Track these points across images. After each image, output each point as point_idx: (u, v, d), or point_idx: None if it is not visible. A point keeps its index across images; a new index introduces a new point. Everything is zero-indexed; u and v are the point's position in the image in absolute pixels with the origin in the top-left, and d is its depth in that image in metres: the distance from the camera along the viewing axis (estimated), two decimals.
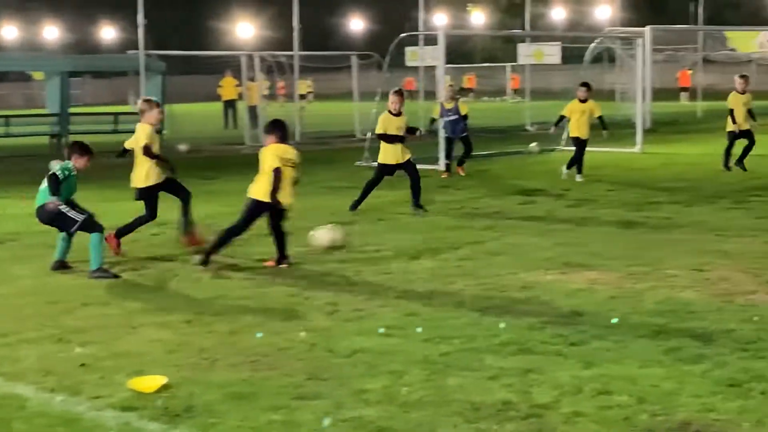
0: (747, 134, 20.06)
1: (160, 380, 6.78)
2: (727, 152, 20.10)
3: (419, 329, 8.10)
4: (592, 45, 30.07)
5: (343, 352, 7.51)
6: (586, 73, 30.44)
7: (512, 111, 39.66)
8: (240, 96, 38.23)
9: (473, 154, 21.12)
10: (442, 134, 20.81)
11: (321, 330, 8.22)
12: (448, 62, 24.62)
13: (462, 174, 20.34)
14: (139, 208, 12.09)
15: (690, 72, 53.19)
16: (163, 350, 7.73)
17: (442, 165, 20.71)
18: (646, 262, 10.79)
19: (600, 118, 19.11)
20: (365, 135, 24.26)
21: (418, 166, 15.56)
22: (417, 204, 15.05)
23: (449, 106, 20.58)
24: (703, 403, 6.20)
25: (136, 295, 9.86)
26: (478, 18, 76.47)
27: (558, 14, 72.90)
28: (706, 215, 14.32)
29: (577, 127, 19.11)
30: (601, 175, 19.80)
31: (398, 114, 15.17)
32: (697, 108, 41.78)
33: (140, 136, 11.85)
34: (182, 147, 26.94)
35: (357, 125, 32.40)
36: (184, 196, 12.19)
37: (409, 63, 45.68)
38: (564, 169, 19.20)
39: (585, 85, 19.47)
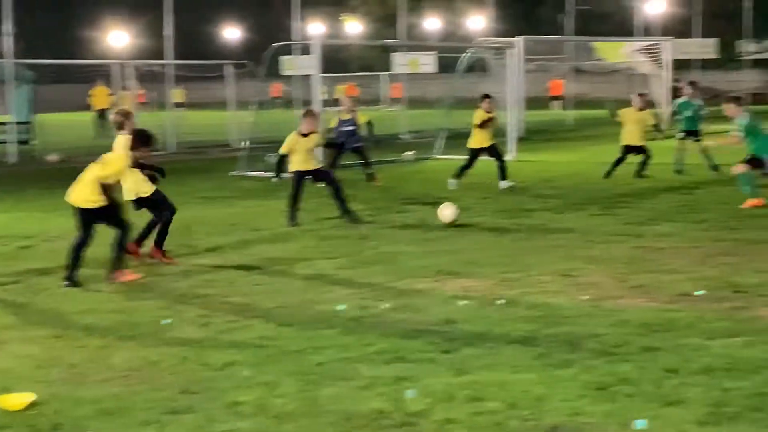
0: (640, 149, 20.50)
1: (27, 397, 6.60)
2: (616, 163, 20.54)
3: (293, 340, 8.07)
4: (465, 55, 30.47)
5: (216, 364, 7.43)
6: (460, 82, 30.81)
7: (388, 120, 39.88)
8: (112, 105, 37.54)
9: (350, 163, 21.18)
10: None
11: (193, 343, 8.12)
12: (323, 71, 24.65)
13: (378, 184, 20.25)
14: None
15: (561, 82, 54.43)
16: (31, 366, 7.53)
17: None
18: (519, 269, 10.98)
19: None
20: (241, 144, 24.11)
21: None
22: (345, 210, 14.97)
23: (347, 117, 20.61)
24: (572, 407, 6.33)
25: (2, 309, 9.57)
26: (354, 27, 76.83)
27: (432, 24, 73.77)
28: (576, 221, 14.64)
29: (480, 138, 19.14)
30: (475, 182, 20.05)
31: (307, 135, 14.93)
32: (568, 116, 42.78)
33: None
34: (52, 157, 26.31)
35: (232, 135, 32.18)
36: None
37: (284, 72, 45.58)
38: (452, 179, 19.21)
39: (487, 96, 19.61)
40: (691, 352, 7.49)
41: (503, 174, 19.07)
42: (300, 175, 14.96)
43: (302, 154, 14.88)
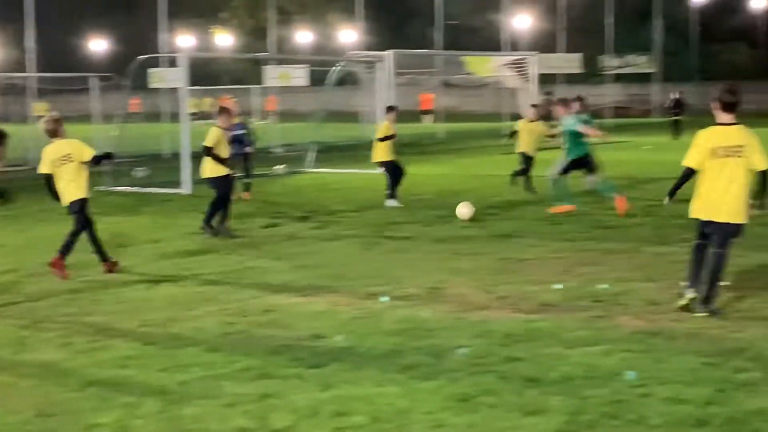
0: (528, 159, 20.86)
1: None
2: (521, 172, 20.96)
3: (156, 359, 7.93)
4: (335, 68, 30.57)
5: (75, 385, 7.25)
6: (331, 95, 30.88)
7: (260, 133, 39.68)
8: None
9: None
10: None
11: (51, 364, 7.91)
12: (192, 84, 24.39)
13: (247, 198, 20.06)
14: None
15: (430, 96, 55.09)
16: None
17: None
18: (387, 282, 11.04)
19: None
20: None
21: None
22: (208, 223, 14.83)
23: (236, 122, 20.38)
24: (435, 419, 6.39)
25: None
26: (224, 40, 76.27)
27: (304, 37, 73.80)
28: (445, 233, 14.80)
29: (383, 152, 18.99)
30: (345, 196, 20.13)
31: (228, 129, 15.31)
32: (438, 130, 43.31)
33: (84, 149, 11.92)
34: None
35: (97, 149, 31.47)
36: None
37: (152, 85, 44.91)
38: (388, 203, 19.05)
39: (392, 108, 19.68)
40: (551, 362, 7.64)
41: (393, 193, 18.77)
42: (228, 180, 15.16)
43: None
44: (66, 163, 11.83)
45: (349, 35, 65.07)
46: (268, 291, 10.70)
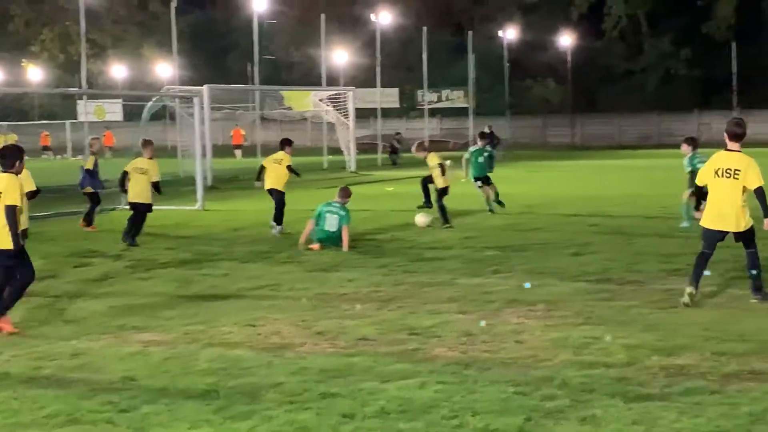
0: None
1: None
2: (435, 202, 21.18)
3: None
4: (150, 103, 30.11)
5: None
6: (147, 130, 30.36)
7: (70, 169, 38.63)
8: None
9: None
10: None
11: None
12: (1, 119, 23.54)
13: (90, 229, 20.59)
14: None
15: (242, 131, 54.83)
16: None
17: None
18: (202, 320, 10.88)
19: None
20: None
21: None
22: None
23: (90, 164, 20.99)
24: None
25: None
26: (35, 74, 74.07)
27: (119, 72, 72.44)
28: (262, 270, 14.73)
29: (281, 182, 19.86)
30: (161, 233, 19.77)
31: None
32: (256, 164, 43.12)
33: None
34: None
35: None
36: None
37: None
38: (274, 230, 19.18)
39: (288, 142, 20.77)
40: (367, 396, 7.68)
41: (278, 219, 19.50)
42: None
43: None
44: None
45: (165, 69, 64.29)
46: (78, 332, 10.37)
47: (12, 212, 10.40)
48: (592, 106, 77.77)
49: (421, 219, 19.90)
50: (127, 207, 18.97)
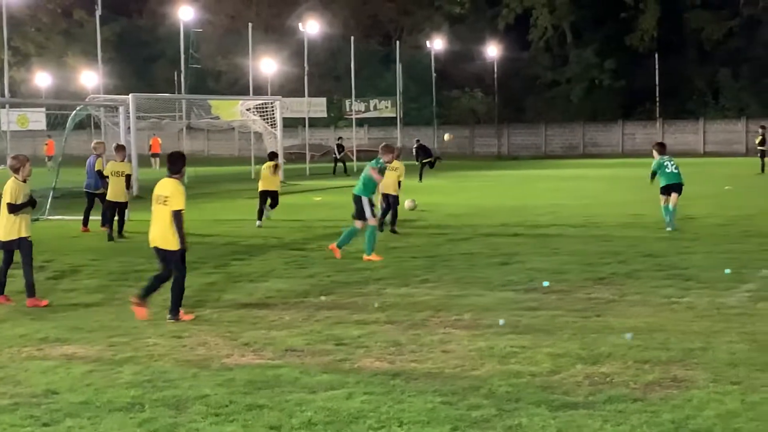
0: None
1: None
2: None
3: None
4: (74, 112, 29.67)
5: None
6: (70, 139, 29.92)
7: None
8: None
9: None
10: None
11: None
12: None
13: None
14: None
15: (160, 140, 54.25)
16: None
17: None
18: (126, 332, 10.75)
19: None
20: None
21: None
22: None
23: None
24: None
25: None
26: None
27: (43, 80, 71.31)
28: (189, 281, 14.51)
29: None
30: (85, 244, 19.51)
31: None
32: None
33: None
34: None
35: None
36: None
37: None
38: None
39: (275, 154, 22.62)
40: (294, 408, 7.64)
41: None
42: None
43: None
44: None
45: (90, 78, 63.46)
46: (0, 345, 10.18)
47: None
48: (519, 116, 78.49)
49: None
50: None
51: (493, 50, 76.34)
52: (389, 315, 11.50)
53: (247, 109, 42.29)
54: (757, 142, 43.01)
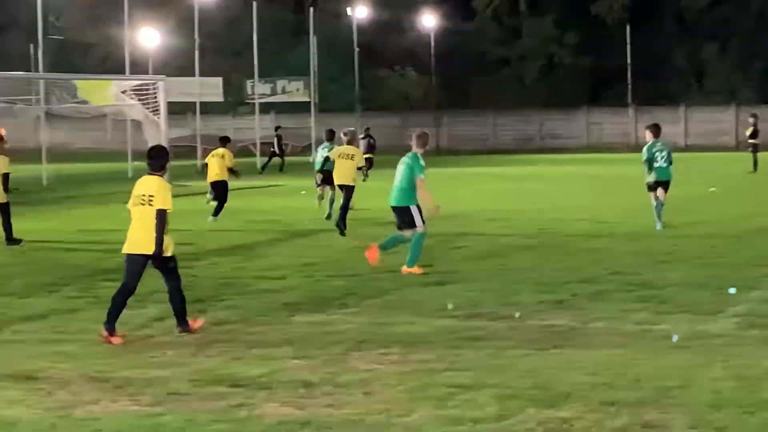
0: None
1: None
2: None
3: None
4: None
5: None
6: None
7: None
8: None
9: None
10: None
11: None
12: None
13: None
14: None
15: (3, 131, 53.57)
16: None
17: None
18: None
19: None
20: None
21: None
22: None
23: None
24: None
25: None
26: None
27: None
28: (45, 306, 14.42)
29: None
30: None
31: None
32: (42, 171, 42.31)
33: None
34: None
35: None
36: None
37: None
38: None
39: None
40: None
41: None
42: None
43: None
44: None
45: None
46: None
47: None
48: (462, 101, 78.98)
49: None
50: None
51: (429, 20, 76.71)
52: (299, 349, 11.48)
53: (123, 92, 41.87)
54: (747, 134, 43.75)
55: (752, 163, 41.67)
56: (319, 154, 26.34)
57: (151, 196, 12.18)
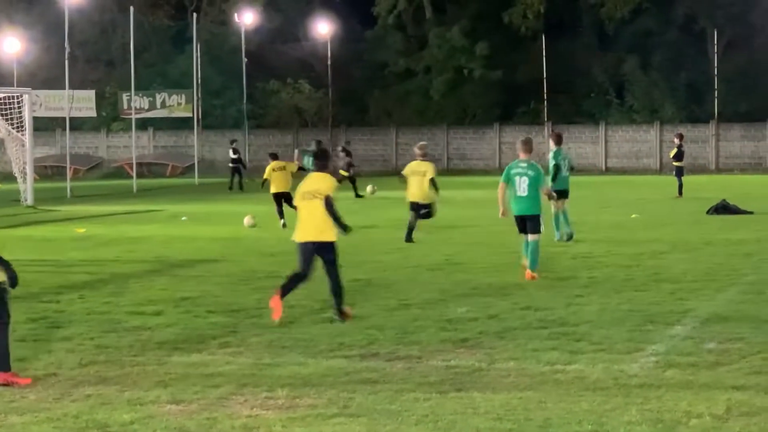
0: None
1: None
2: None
3: None
4: None
5: None
6: None
7: None
8: None
9: None
10: None
11: None
12: None
13: None
14: None
15: None
16: None
17: None
18: None
19: None
20: None
21: None
22: None
23: None
24: None
25: None
26: None
27: None
28: None
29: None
30: None
31: None
32: None
33: None
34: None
35: None
36: None
37: None
38: None
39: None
40: None
41: None
42: None
43: None
44: None
45: None
46: None
47: None
48: (361, 117, 79.21)
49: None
50: None
51: (324, 28, 76.78)
52: (174, 392, 11.44)
53: None
54: (671, 155, 44.40)
55: (677, 187, 42.27)
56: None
57: (317, 189, 15.55)
